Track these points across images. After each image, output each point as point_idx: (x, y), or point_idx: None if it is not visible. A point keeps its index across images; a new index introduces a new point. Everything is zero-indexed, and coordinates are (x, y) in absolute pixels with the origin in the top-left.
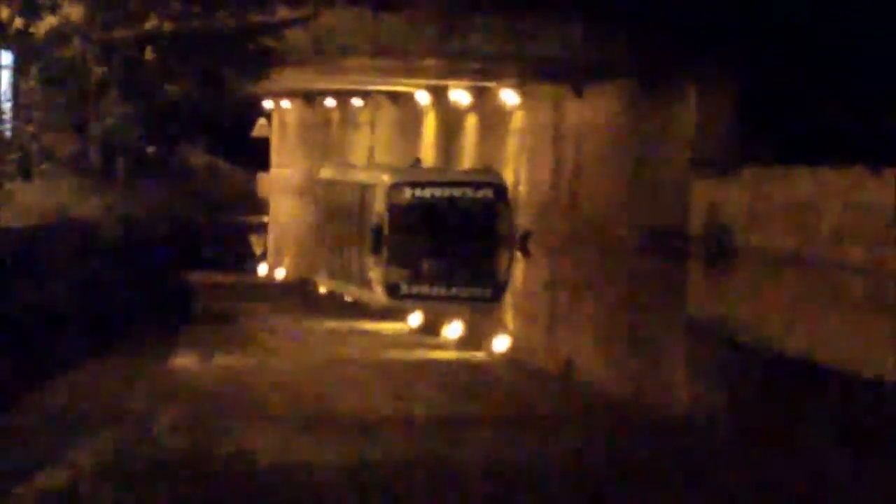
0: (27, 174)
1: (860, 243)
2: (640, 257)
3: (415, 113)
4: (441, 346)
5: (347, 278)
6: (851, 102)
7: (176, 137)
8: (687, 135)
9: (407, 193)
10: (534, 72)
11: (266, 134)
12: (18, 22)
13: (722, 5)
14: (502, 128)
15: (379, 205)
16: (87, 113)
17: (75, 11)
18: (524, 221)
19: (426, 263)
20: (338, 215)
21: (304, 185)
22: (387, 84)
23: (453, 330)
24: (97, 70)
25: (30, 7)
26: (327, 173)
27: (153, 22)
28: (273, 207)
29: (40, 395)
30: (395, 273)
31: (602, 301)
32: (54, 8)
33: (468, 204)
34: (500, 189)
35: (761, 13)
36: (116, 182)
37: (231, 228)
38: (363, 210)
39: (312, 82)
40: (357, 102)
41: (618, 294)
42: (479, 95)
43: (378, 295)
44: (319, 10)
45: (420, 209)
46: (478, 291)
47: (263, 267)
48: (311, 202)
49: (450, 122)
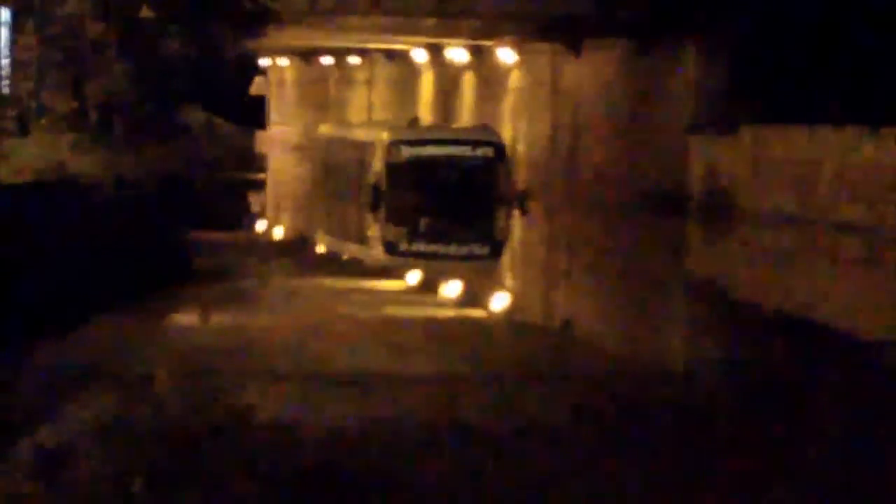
0: (25, 131)
1: (858, 202)
2: (639, 216)
3: (412, 71)
4: (439, 304)
5: (346, 236)
6: (850, 60)
7: (173, 95)
8: (685, 94)
9: (405, 151)
10: (532, 30)
11: (263, 92)
12: None
13: None
14: (500, 86)
15: (377, 163)
16: (85, 71)
17: None
18: (522, 180)
19: (424, 221)
20: (336, 173)
21: (302, 143)
22: (384, 42)
23: (452, 288)
24: (94, 28)
25: None
26: (325, 131)
27: None
28: (271, 165)
29: (38, 354)
30: (394, 231)
31: (600, 259)
32: None
33: (467, 162)
34: (499, 147)
35: None
36: (114, 140)
37: (229, 186)
38: (361, 168)
39: (309, 40)
40: (354, 60)
41: (616, 252)
42: (477, 54)
43: (376, 253)
44: None
45: (418, 167)
46: (476, 249)
47: (261, 224)
48: (309, 160)
49: (447, 81)
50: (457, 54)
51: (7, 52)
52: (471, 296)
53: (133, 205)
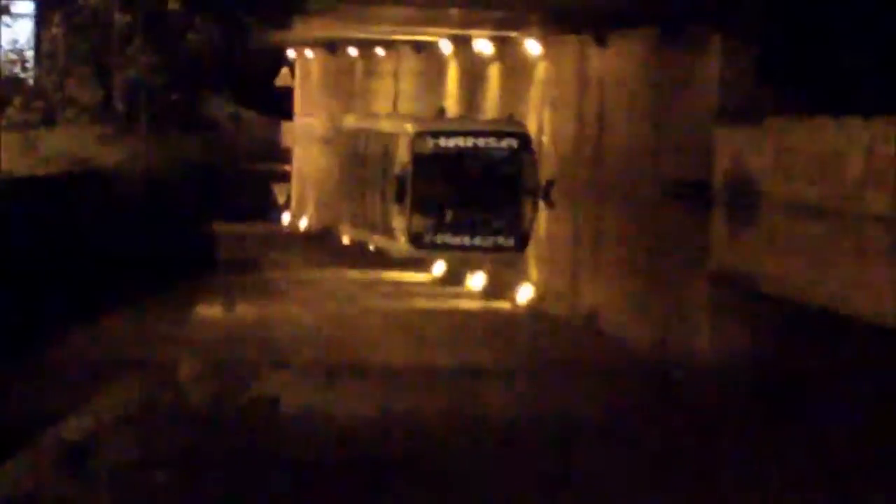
0: (51, 122)
1: (884, 193)
2: (664, 207)
3: (438, 62)
4: (464, 296)
5: (371, 228)
6: (877, 52)
7: (200, 86)
8: (710, 85)
9: (431, 143)
10: (557, 21)
11: (289, 83)
12: None
13: None
14: (525, 78)
15: (403, 154)
16: (111, 62)
17: None
18: (548, 171)
19: (450, 213)
20: (361, 164)
21: (328, 135)
22: (410, 34)
23: (477, 280)
24: (120, 18)
25: None
26: (351, 122)
27: None
28: (296, 157)
29: (66, 344)
30: (419, 222)
31: (626, 251)
32: None
33: (492, 153)
34: (524, 139)
35: None
36: (140, 131)
37: (255, 178)
38: (387, 159)
39: (335, 31)
40: (380, 52)
41: (642, 244)
42: (503, 45)
43: (401, 244)
44: None
45: (444, 158)
46: (501, 241)
47: (287, 216)
48: (335, 151)
49: (473, 72)
50: (483, 45)
51: (32, 44)
52: (496, 287)
53: (159, 196)
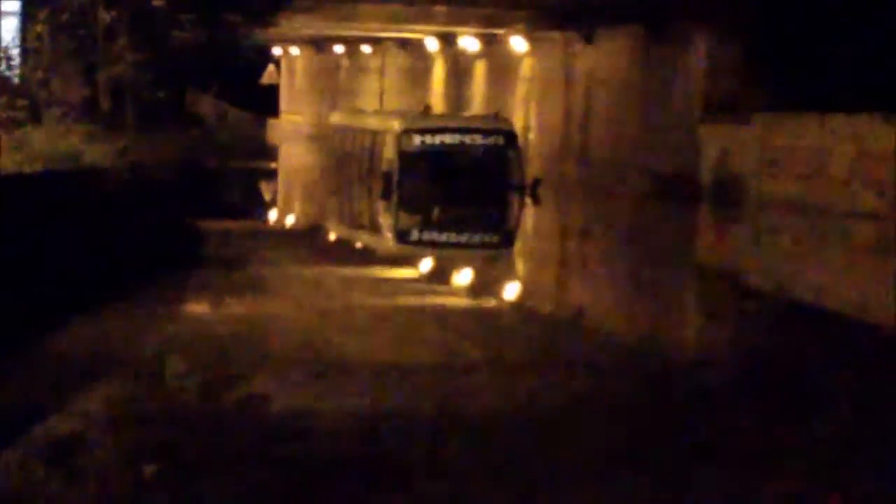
0: (37, 120)
1: (869, 189)
2: (651, 204)
3: (424, 60)
4: (451, 293)
5: (357, 225)
6: (862, 48)
7: (186, 84)
8: (696, 81)
9: (417, 140)
10: (543, 18)
11: (275, 80)
12: None
13: None
14: (512, 75)
15: (389, 151)
16: (97, 59)
17: None
18: (534, 168)
19: (436, 210)
20: (348, 162)
21: (314, 132)
22: (396, 31)
23: (464, 277)
24: (105, 16)
25: None
26: (337, 119)
27: None
28: (283, 154)
29: (51, 342)
30: (406, 219)
31: (612, 247)
32: None
33: (479, 150)
34: (511, 136)
35: None
36: (127, 128)
37: (241, 175)
38: (373, 156)
39: (321, 29)
40: (366, 49)
41: (628, 240)
42: (489, 42)
43: (388, 241)
44: None
45: (430, 155)
46: (488, 238)
47: (273, 213)
48: (321, 149)
49: (459, 69)
50: (468, 43)
51: (17, 42)
52: (483, 284)
53: (146, 193)
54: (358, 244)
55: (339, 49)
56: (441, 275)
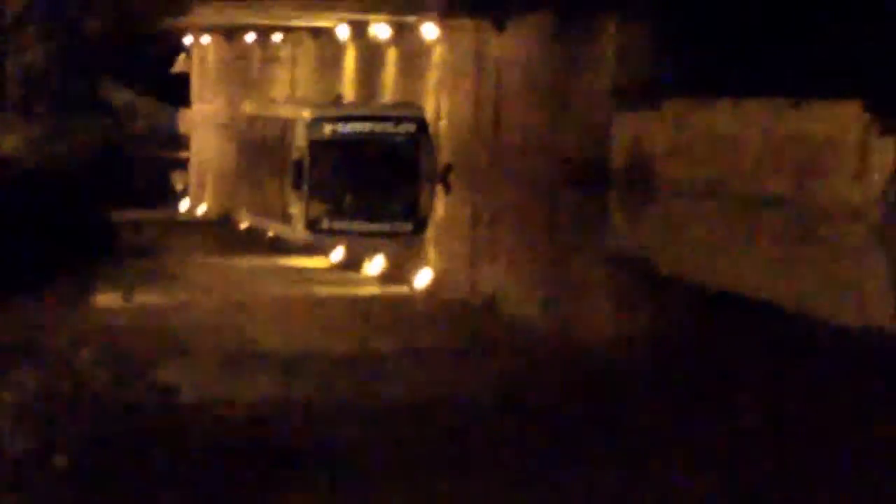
0: None
1: (781, 175)
2: (563, 190)
3: (336, 48)
4: (363, 282)
5: (269, 214)
6: (774, 33)
7: (96, 73)
8: (608, 68)
9: (327, 128)
10: (454, 5)
11: (187, 70)
12: None
13: None
14: (423, 62)
15: (299, 140)
16: (6, 49)
17: None
18: (445, 155)
19: (347, 198)
20: (259, 151)
21: (226, 121)
22: (308, 20)
23: (375, 265)
24: (15, 5)
25: None
26: (248, 109)
27: None
28: (194, 143)
29: None
30: (316, 208)
31: (524, 234)
32: None
33: (389, 138)
34: (422, 123)
35: None
36: (36, 118)
37: (152, 164)
38: (284, 146)
39: (232, 17)
40: (278, 38)
41: (540, 227)
42: (400, 30)
43: (299, 230)
44: None
45: (341, 144)
46: (399, 226)
47: (185, 203)
48: (233, 138)
49: (370, 57)
50: (380, 30)
51: None
52: (394, 273)
53: (55, 183)
54: (269, 233)
55: (251, 38)
56: (353, 263)
